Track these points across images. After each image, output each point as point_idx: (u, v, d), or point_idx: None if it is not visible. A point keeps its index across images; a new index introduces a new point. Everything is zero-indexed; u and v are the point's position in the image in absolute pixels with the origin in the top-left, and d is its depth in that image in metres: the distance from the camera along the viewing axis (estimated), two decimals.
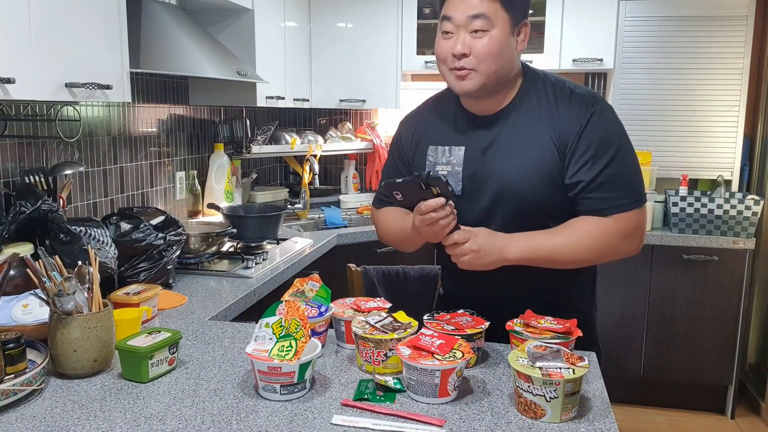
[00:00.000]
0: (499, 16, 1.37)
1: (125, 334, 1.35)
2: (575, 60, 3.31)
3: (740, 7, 3.21)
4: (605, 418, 1.13)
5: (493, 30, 1.37)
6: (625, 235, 1.42)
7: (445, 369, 1.15)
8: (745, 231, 3.08)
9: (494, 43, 1.37)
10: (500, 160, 1.45)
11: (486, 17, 1.36)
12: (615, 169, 1.39)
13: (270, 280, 2.14)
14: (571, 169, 1.41)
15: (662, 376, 3.27)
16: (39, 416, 1.13)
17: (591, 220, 1.41)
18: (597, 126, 1.40)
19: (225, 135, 3.09)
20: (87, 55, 1.66)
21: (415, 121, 1.63)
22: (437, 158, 1.53)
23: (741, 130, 3.30)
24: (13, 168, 1.88)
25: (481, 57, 1.38)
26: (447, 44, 1.42)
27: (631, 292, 3.21)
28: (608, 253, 1.45)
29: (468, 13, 1.37)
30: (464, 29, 1.38)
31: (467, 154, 1.49)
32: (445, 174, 1.49)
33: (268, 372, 1.17)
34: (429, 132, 1.57)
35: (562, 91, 1.45)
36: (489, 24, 1.37)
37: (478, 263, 1.40)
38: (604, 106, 1.44)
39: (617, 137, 1.42)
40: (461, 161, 1.49)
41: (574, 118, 1.41)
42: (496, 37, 1.37)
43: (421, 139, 1.58)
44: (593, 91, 1.47)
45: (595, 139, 1.39)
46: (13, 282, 1.49)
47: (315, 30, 3.48)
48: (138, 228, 1.86)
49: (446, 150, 1.52)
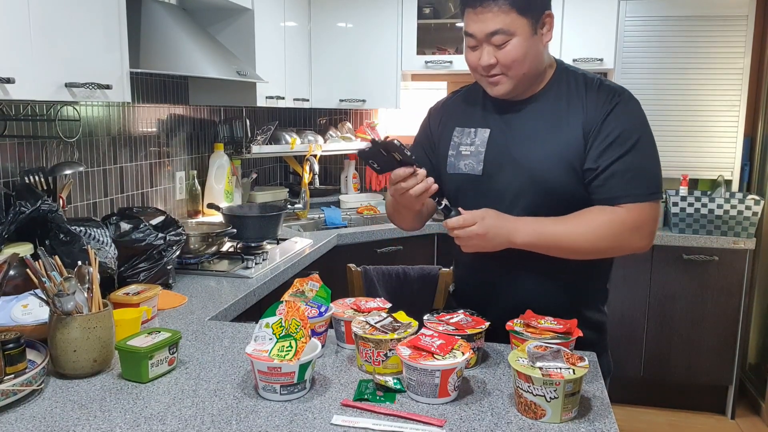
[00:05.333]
0: (517, 24, 1.38)
1: (125, 334, 1.35)
2: (575, 60, 3.30)
3: (740, 7, 3.21)
4: (605, 418, 1.13)
5: (514, 38, 1.39)
6: (636, 227, 1.41)
7: (445, 369, 1.15)
8: (745, 231, 3.08)
9: (518, 50, 1.39)
10: (524, 144, 1.46)
11: (503, 31, 1.38)
12: (632, 159, 1.39)
13: (270, 280, 2.14)
14: (591, 155, 1.41)
15: (662, 376, 3.27)
16: (39, 416, 1.13)
17: (603, 209, 1.41)
18: (620, 115, 1.41)
19: (225, 135, 3.09)
20: (87, 54, 1.66)
21: (445, 107, 1.65)
22: (462, 139, 1.54)
23: (741, 130, 3.30)
24: (12, 168, 1.88)
25: (508, 65, 1.41)
26: (474, 56, 1.45)
27: (631, 292, 3.21)
28: (617, 245, 1.43)
29: (485, 30, 1.39)
30: (486, 43, 1.41)
31: (492, 135, 1.50)
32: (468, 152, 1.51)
33: (268, 372, 1.17)
34: (456, 115, 1.59)
35: (592, 82, 1.47)
36: (508, 35, 1.38)
37: (486, 246, 1.40)
38: (631, 99, 1.45)
39: (639, 129, 1.42)
40: (485, 142, 1.50)
41: (600, 106, 1.42)
42: (517, 44, 1.39)
43: (448, 122, 1.59)
44: (624, 87, 1.48)
45: (617, 127, 1.40)
46: (12, 282, 1.49)
47: (315, 30, 3.48)
48: (138, 228, 1.86)
49: (472, 131, 1.53)
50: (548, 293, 1.49)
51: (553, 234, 1.40)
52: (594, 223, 1.40)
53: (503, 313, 1.42)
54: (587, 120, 1.42)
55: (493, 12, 1.37)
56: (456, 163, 1.53)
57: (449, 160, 1.55)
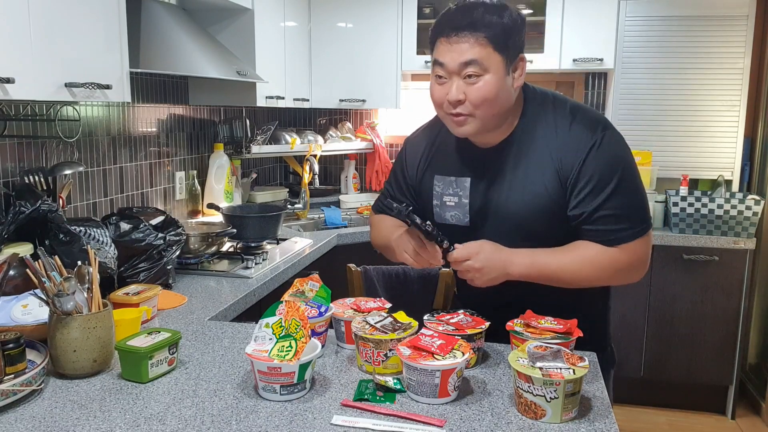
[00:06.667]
0: (492, 60, 1.33)
1: (125, 334, 1.35)
2: (575, 60, 3.30)
3: (740, 7, 3.21)
4: (605, 418, 1.13)
5: (487, 75, 1.33)
6: (631, 266, 1.42)
7: (445, 369, 1.14)
8: (745, 231, 3.08)
9: (489, 88, 1.33)
10: (503, 192, 1.44)
11: (478, 62, 1.32)
12: (617, 201, 1.37)
13: (270, 281, 2.14)
14: (573, 201, 1.39)
15: (662, 376, 3.27)
16: (39, 416, 1.13)
17: (598, 246, 1.40)
18: (597, 157, 1.37)
19: (225, 135, 3.09)
20: (87, 54, 1.66)
21: (422, 147, 1.60)
22: (444, 189, 1.52)
23: (741, 130, 3.30)
24: (12, 168, 1.88)
25: (477, 103, 1.34)
26: (441, 90, 1.38)
27: (631, 292, 3.21)
28: (611, 279, 1.45)
29: (459, 60, 1.33)
30: (457, 75, 1.34)
31: (473, 185, 1.48)
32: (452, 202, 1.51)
33: (268, 372, 1.16)
34: (435, 161, 1.56)
35: (564, 119, 1.41)
36: (482, 69, 1.33)
37: (481, 280, 1.39)
38: (605, 134, 1.39)
39: (619, 167, 1.38)
40: (467, 192, 1.49)
41: (575, 149, 1.38)
42: (490, 81, 1.33)
43: (427, 168, 1.57)
44: (597, 115, 1.43)
45: (596, 170, 1.36)
46: (12, 282, 1.49)
47: (315, 30, 3.48)
48: (138, 228, 1.86)
49: (453, 181, 1.51)
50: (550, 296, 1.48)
51: (549, 267, 1.40)
52: (588, 257, 1.40)
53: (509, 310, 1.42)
54: (563, 163, 1.38)
55: (469, 42, 1.31)
56: (442, 213, 1.53)
57: (435, 210, 1.54)
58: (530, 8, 3.46)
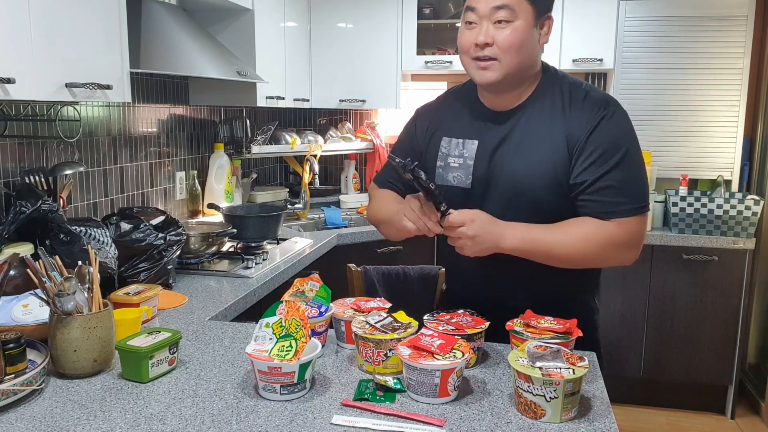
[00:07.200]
0: (523, 8, 1.37)
1: (125, 334, 1.35)
2: (575, 60, 3.31)
3: (740, 7, 3.21)
4: (605, 418, 1.13)
5: (517, 21, 1.37)
6: (625, 242, 1.41)
7: (445, 369, 1.15)
8: (745, 231, 3.08)
9: (517, 35, 1.37)
10: (510, 158, 1.45)
11: (510, 8, 1.36)
12: (620, 174, 1.38)
13: (270, 280, 2.14)
14: (576, 170, 1.40)
15: (662, 376, 3.27)
16: (39, 416, 1.13)
17: (593, 221, 1.40)
18: (606, 129, 1.39)
19: (225, 135, 3.09)
20: (87, 55, 1.66)
21: (432, 112, 1.62)
22: (450, 150, 1.52)
23: (741, 130, 3.30)
24: (13, 168, 1.88)
25: (504, 48, 1.38)
26: (470, 35, 1.42)
27: (631, 292, 3.21)
28: (605, 258, 1.43)
29: (492, 3, 1.37)
30: (487, 20, 1.38)
31: (480, 148, 1.48)
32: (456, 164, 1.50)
33: (268, 372, 1.17)
34: (444, 123, 1.57)
35: (577, 93, 1.44)
36: (513, 15, 1.37)
37: (473, 249, 1.38)
38: (617, 111, 1.42)
39: (626, 142, 1.40)
40: (473, 155, 1.48)
41: (585, 121, 1.40)
42: (519, 28, 1.37)
43: (436, 130, 1.57)
44: (609, 95, 1.46)
45: (603, 141, 1.38)
46: (13, 282, 1.49)
47: (315, 30, 3.48)
48: (138, 228, 1.86)
49: (460, 143, 1.51)
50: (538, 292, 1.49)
51: (543, 241, 1.39)
52: (583, 234, 1.39)
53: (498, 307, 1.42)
54: (571, 135, 1.40)
55: None
56: (444, 174, 1.52)
57: (438, 171, 1.54)
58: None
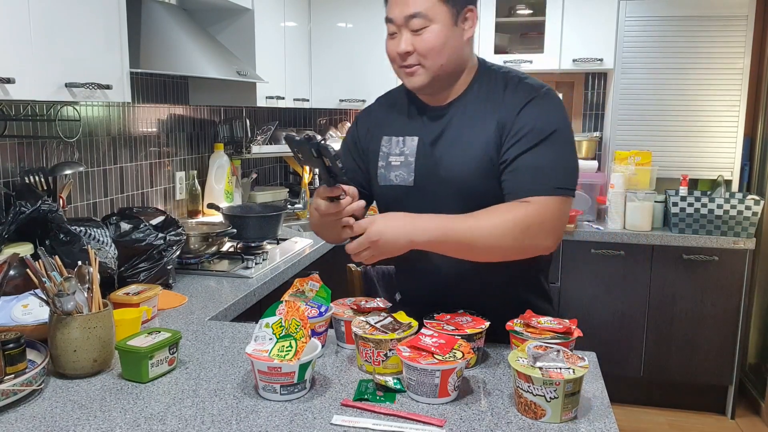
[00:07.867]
0: (437, 10, 1.37)
1: (125, 334, 1.35)
2: (575, 60, 3.31)
3: (740, 7, 3.21)
4: (605, 418, 1.13)
5: (433, 25, 1.37)
6: (538, 222, 1.33)
7: (445, 369, 1.15)
8: (745, 231, 3.08)
9: (435, 38, 1.37)
10: (448, 151, 1.45)
11: (422, 15, 1.37)
12: (542, 154, 1.36)
13: (270, 280, 2.14)
14: (503, 149, 1.39)
15: (662, 376, 3.27)
16: (39, 416, 1.13)
17: (508, 205, 1.36)
18: (534, 111, 1.38)
19: (225, 135, 3.09)
20: (87, 55, 1.66)
21: (372, 113, 1.63)
22: (391, 149, 1.52)
23: (741, 130, 3.30)
24: (13, 168, 1.88)
25: (424, 53, 1.39)
26: (393, 44, 1.45)
27: (631, 292, 3.21)
28: (521, 241, 1.34)
29: (404, 13, 1.39)
30: (405, 28, 1.41)
31: (420, 144, 1.49)
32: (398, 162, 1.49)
33: (268, 372, 1.17)
34: (384, 122, 1.57)
35: (512, 80, 1.45)
36: (427, 20, 1.37)
37: (384, 252, 1.33)
38: (549, 96, 1.41)
39: (553, 126, 1.38)
40: (414, 152, 1.49)
41: (516, 103, 1.40)
42: (435, 31, 1.37)
43: (375, 130, 1.57)
44: (546, 84, 1.45)
45: (529, 122, 1.37)
46: (13, 282, 1.49)
47: (315, 30, 3.48)
48: (138, 228, 1.86)
49: (400, 140, 1.52)
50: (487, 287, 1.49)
51: (458, 230, 1.33)
52: (497, 218, 1.33)
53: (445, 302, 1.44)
54: (501, 118, 1.40)
55: None
56: (387, 174, 1.51)
57: (380, 171, 1.53)
58: (530, 8, 3.47)
